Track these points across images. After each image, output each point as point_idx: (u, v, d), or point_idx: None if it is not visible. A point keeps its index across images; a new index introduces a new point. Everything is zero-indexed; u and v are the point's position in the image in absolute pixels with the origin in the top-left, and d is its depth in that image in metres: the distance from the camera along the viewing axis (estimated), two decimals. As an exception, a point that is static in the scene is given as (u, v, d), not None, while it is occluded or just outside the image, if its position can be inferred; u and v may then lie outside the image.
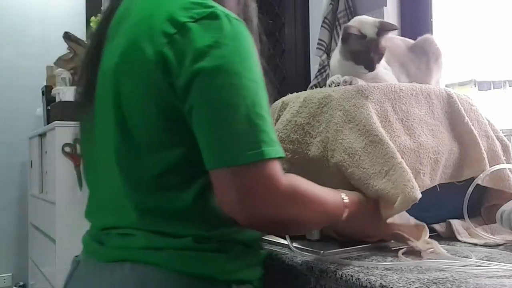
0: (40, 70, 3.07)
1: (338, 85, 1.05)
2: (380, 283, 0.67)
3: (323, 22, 2.04)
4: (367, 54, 1.04)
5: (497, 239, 0.93)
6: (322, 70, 2.07)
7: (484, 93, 1.52)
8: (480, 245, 0.91)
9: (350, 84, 1.02)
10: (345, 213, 0.79)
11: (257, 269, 0.77)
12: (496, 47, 1.60)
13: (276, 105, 1.10)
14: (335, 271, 0.75)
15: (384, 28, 1.04)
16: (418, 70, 1.17)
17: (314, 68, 2.25)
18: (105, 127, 0.74)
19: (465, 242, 0.94)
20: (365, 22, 1.06)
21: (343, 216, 0.79)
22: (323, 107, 0.98)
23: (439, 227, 1.00)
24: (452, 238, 0.97)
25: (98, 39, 0.80)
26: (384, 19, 1.40)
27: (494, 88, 1.52)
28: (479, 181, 0.97)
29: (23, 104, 3.41)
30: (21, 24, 3.58)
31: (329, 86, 1.08)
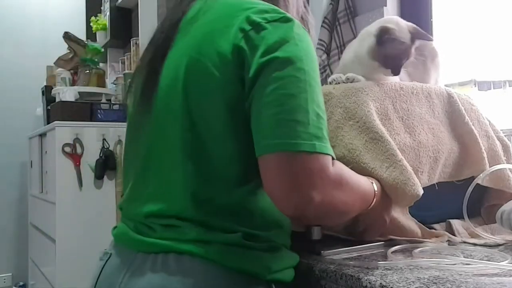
0: (40, 70, 3.07)
1: (339, 84, 1.04)
2: (380, 283, 0.67)
3: (323, 22, 2.04)
4: (399, 59, 1.00)
5: (497, 239, 0.93)
6: (322, 70, 2.06)
7: (484, 93, 1.52)
8: (480, 245, 0.91)
9: (352, 82, 1.02)
10: (373, 202, 0.81)
11: (293, 272, 0.78)
12: (496, 47, 1.60)
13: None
14: (335, 271, 0.75)
15: (418, 36, 1.02)
16: (416, 70, 1.17)
17: (314, 68, 2.24)
18: (167, 117, 0.75)
19: (465, 242, 0.94)
20: (402, 26, 1.02)
21: (372, 205, 0.81)
22: (324, 104, 0.97)
23: (439, 227, 1.00)
24: (452, 238, 0.97)
25: (166, 36, 0.81)
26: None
27: (494, 88, 1.52)
28: (479, 181, 0.97)
29: (23, 104, 3.42)
30: (21, 24, 3.59)
31: (330, 84, 1.08)
